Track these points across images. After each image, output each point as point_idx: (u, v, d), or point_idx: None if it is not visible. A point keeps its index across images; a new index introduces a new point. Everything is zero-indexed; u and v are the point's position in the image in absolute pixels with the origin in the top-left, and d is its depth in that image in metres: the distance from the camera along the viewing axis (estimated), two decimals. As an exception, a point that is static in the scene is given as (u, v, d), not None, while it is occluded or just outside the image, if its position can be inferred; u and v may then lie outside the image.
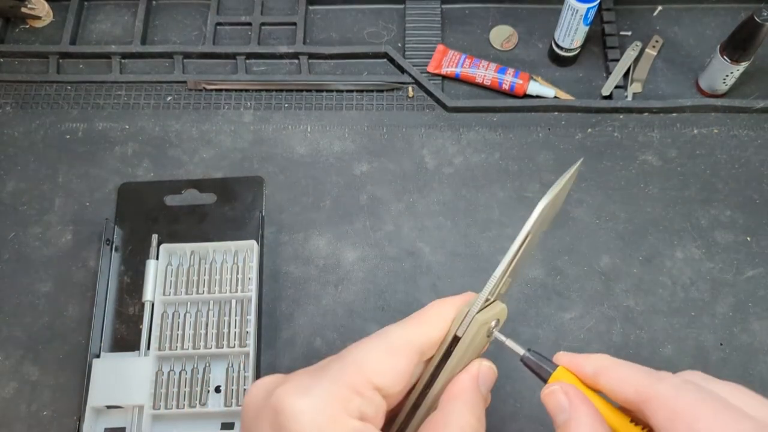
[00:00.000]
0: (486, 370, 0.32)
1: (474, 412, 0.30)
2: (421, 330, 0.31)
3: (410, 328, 0.31)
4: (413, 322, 0.31)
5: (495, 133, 0.58)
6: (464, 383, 0.31)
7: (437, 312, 0.32)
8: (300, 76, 0.61)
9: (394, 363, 0.29)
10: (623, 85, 0.59)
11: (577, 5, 0.54)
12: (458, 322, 0.31)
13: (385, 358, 0.29)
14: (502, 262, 0.31)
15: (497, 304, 0.33)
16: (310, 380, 0.28)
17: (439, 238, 0.53)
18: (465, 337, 0.31)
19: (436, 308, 0.32)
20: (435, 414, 0.30)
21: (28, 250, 0.54)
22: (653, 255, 0.52)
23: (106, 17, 0.65)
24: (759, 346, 0.49)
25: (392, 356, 0.29)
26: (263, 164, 0.57)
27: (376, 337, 0.31)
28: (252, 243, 0.51)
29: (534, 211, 0.30)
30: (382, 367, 0.29)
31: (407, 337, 0.30)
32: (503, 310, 0.33)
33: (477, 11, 0.64)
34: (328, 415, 0.27)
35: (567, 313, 0.50)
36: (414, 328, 0.31)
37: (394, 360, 0.29)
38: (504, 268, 0.31)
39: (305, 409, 0.27)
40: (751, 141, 0.57)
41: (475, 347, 0.32)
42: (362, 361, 0.29)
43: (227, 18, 0.64)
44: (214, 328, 0.49)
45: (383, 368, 0.29)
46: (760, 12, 0.50)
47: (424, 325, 0.31)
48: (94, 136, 0.58)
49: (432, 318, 0.32)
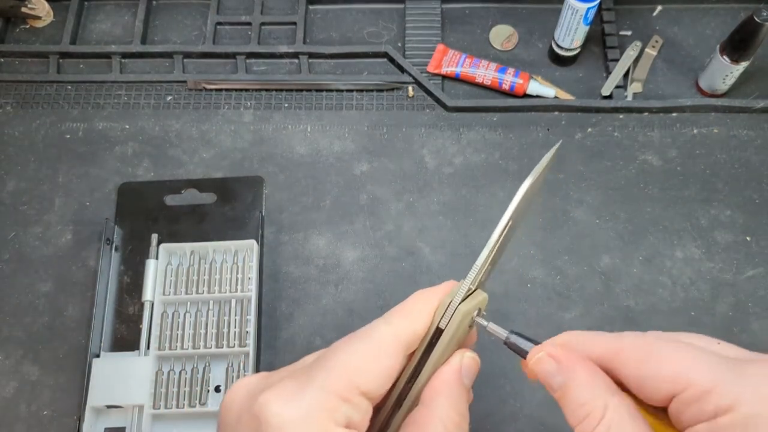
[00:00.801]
0: (468, 361, 0.32)
1: (456, 407, 0.30)
2: (405, 324, 0.30)
3: (395, 323, 0.30)
4: (397, 316, 0.31)
5: (495, 132, 0.58)
6: (446, 377, 0.31)
7: (420, 304, 0.31)
8: (300, 76, 0.61)
9: (381, 365, 0.29)
10: (623, 85, 0.59)
11: (577, 5, 0.54)
12: (440, 314, 0.30)
13: (372, 360, 0.29)
14: (483, 251, 0.30)
15: (479, 293, 0.32)
16: (295, 387, 0.28)
17: (439, 238, 0.53)
18: (448, 329, 0.30)
19: (419, 300, 0.31)
20: (417, 410, 0.30)
21: (28, 250, 0.54)
22: (653, 255, 0.52)
23: (106, 17, 0.65)
24: (759, 346, 0.49)
25: (379, 358, 0.29)
26: (263, 164, 0.57)
27: (362, 336, 0.30)
28: (252, 243, 0.51)
29: (515, 196, 0.29)
30: (369, 370, 0.28)
31: (393, 334, 0.30)
32: (485, 299, 0.33)
33: (477, 11, 0.64)
34: (316, 427, 0.26)
35: (567, 313, 0.50)
36: (398, 322, 0.30)
37: (381, 362, 0.29)
38: (485, 257, 0.30)
39: (291, 419, 0.26)
40: (751, 141, 0.57)
41: (458, 338, 0.31)
42: (348, 365, 0.28)
43: (227, 18, 0.64)
44: (214, 328, 0.49)
45: (370, 372, 0.28)
46: (760, 12, 0.50)
47: (408, 319, 0.30)
48: (94, 136, 0.58)
49: (416, 311, 0.31)
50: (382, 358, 0.29)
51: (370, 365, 0.28)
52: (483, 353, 0.50)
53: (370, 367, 0.28)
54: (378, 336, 0.29)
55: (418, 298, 0.32)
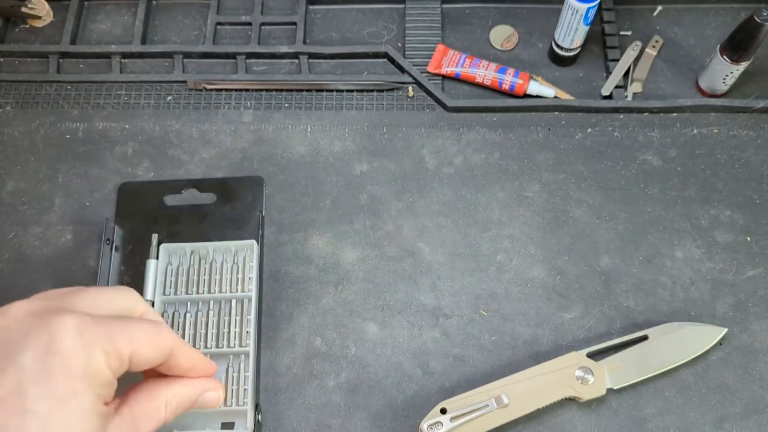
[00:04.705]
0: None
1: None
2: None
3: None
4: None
5: (495, 132, 0.58)
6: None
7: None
8: (300, 76, 0.61)
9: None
10: (623, 85, 0.59)
11: (577, 5, 0.54)
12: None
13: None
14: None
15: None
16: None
17: (439, 238, 0.53)
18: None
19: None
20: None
21: (28, 250, 0.54)
22: (653, 255, 0.52)
23: (106, 17, 0.65)
24: (759, 346, 0.49)
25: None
26: (263, 164, 0.57)
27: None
28: (252, 243, 0.51)
29: None
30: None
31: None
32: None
33: (477, 11, 0.64)
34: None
35: (567, 313, 0.50)
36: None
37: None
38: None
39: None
40: (751, 141, 0.57)
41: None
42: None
43: (227, 18, 0.64)
44: (214, 328, 0.49)
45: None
46: (760, 12, 0.50)
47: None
48: (94, 136, 0.58)
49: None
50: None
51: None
52: (483, 353, 0.50)
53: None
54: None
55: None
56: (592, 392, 0.46)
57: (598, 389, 0.46)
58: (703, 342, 0.48)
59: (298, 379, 0.49)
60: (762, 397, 0.47)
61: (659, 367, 0.47)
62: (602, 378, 0.46)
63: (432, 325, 0.50)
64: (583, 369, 0.46)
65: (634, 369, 0.47)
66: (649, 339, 0.48)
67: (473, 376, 0.48)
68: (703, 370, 0.48)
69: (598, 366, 0.47)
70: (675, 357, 0.47)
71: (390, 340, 0.50)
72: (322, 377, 0.49)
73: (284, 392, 0.48)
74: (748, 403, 0.47)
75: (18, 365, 0.30)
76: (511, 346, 0.49)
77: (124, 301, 0.37)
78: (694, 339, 0.48)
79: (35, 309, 0.33)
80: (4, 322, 0.32)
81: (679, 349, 0.48)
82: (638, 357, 0.47)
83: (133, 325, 0.34)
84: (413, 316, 0.51)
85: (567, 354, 0.47)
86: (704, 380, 0.48)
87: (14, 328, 0.31)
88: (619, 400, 0.47)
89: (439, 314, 0.51)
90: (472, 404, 0.44)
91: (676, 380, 0.48)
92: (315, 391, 0.48)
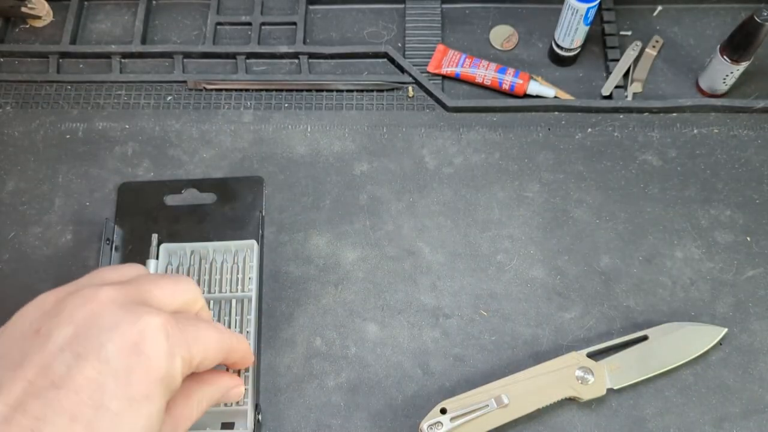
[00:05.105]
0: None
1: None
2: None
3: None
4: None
5: (495, 133, 0.58)
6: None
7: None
8: (300, 76, 0.61)
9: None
10: (623, 85, 0.59)
11: (577, 5, 0.54)
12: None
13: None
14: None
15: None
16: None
17: (439, 238, 0.53)
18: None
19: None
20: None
21: (28, 250, 0.54)
22: (653, 255, 0.52)
23: (106, 17, 0.65)
24: (759, 346, 0.49)
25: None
26: (263, 164, 0.57)
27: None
28: (252, 243, 0.51)
29: None
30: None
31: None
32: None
33: (477, 11, 0.64)
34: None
35: (567, 313, 0.50)
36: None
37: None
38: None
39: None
40: (751, 141, 0.57)
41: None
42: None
43: (227, 18, 0.64)
44: (214, 328, 0.49)
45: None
46: (760, 12, 0.50)
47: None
48: (94, 136, 0.58)
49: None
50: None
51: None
52: (483, 353, 0.50)
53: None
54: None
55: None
56: (592, 392, 0.46)
57: (598, 389, 0.46)
58: (703, 342, 0.48)
59: (298, 379, 0.49)
60: (762, 397, 0.47)
61: (659, 367, 0.47)
62: (602, 378, 0.46)
63: (432, 325, 0.50)
64: (583, 369, 0.46)
65: (634, 369, 0.47)
66: (649, 339, 0.48)
67: (473, 376, 0.48)
68: (703, 370, 0.48)
69: (598, 366, 0.47)
70: (675, 357, 0.47)
71: (390, 340, 0.50)
72: (322, 377, 0.49)
73: (284, 392, 0.48)
74: (748, 403, 0.47)
75: (102, 357, 0.29)
76: (511, 346, 0.49)
77: (190, 294, 0.37)
78: (694, 339, 0.48)
79: (121, 299, 0.32)
80: (97, 307, 0.31)
81: (679, 349, 0.48)
82: (638, 357, 0.47)
83: (204, 332, 0.34)
84: (413, 316, 0.51)
85: (567, 354, 0.47)
86: (704, 380, 0.48)
87: (104, 316, 0.31)
88: (619, 400, 0.47)
89: (439, 314, 0.51)
90: (472, 404, 0.44)
91: (676, 380, 0.48)
92: (315, 391, 0.48)
